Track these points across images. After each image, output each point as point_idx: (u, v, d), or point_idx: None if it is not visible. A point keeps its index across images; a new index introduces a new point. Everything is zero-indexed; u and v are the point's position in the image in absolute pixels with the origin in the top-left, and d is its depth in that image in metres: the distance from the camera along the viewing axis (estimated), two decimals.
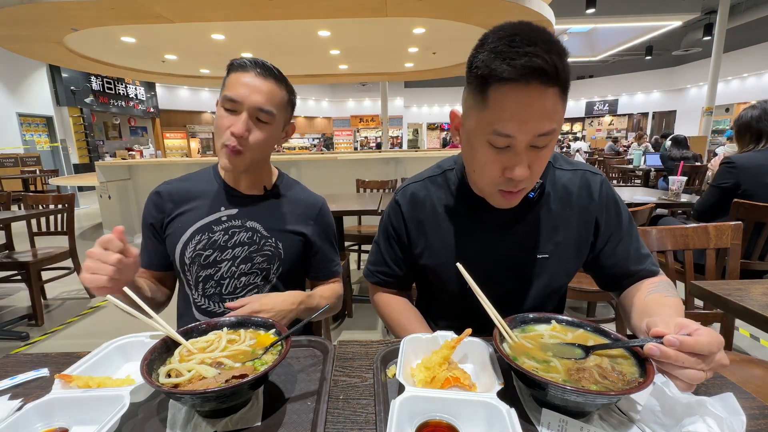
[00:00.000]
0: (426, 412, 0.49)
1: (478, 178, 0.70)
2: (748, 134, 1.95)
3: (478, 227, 0.81)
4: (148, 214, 0.97)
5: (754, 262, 1.82)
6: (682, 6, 9.33)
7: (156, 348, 0.57)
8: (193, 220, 0.93)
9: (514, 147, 0.62)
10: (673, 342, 0.48)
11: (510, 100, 0.59)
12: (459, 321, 0.77)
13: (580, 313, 2.55)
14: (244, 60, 0.86)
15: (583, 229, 0.80)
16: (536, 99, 0.58)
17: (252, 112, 0.84)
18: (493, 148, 0.64)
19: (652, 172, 5.44)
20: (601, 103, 18.85)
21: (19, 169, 8.40)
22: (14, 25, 4.18)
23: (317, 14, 4.28)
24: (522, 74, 0.57)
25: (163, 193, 0.97)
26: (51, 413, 0.52)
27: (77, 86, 10.65)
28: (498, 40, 0.59)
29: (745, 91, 13.28)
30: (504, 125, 0.60)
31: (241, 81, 0.84)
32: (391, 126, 17.42)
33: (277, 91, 0.87)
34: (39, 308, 2.58)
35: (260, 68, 0.85)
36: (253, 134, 0.86)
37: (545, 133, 0.61)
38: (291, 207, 1.00)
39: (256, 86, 0.84)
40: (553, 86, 0.59)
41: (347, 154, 7.16)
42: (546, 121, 0.60)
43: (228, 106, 0.84)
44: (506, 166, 0.64)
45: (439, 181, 0.85)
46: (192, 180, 1.00)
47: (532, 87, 0.58)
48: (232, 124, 0.84)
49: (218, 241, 0.93)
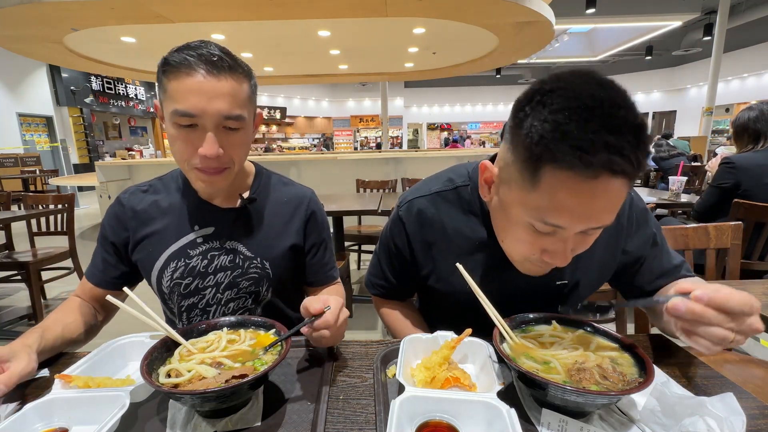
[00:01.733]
0: (426, 412, 0.49)
1: (510, 249, 0.64)
2: (746, 135, 1.95)
3: (494, 254, 0.71)
4: (109, 229, 0.83)
5: (754, 262, 1.82)
6: (682, 6, 9.33)
7: (156, 348, 0.57)
8: (164, 243, 0.81)
9: (560, 234, 0.54)
10: (702, 297, 0.44)
11: (570, 194, 0.48)
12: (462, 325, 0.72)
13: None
14: (186, 57, 0.66)
15: (608, 254, 0.74)
16: (602, 192, 0.48)
17: (218, 123, 0.69)
18: (535, 231, 0.55)
19: (652, 172, 5.44)
20: None
21: (19, 169, 8.40)
22: (14, 25, 4.17)
23: (317, 14, 4.27)
24: (597, 171, 0.45)
25: (127, 206, 0.83)
26: (51, 413, 0.52)
27: (77, 86, 10.65)
28: (565, 109, 0.46)
29: (745, 91, 13.27)
30: (556, 218, 0.51)
31: (191, 88, 0.66)
32: (391, 126, 17.41)
33: (239, 87, 0.70)
34: (39, 308, 2.58)
35: (208, 64, 0.67)
36: (228, 148, 0.71)
37: (601, 226, 0.53)
38: (274, 214, 0.87)
39: (215, 91, 0.67)
40: (627, 181, 0.48)
41: (347, 154, 7.17)
42: (607, 214, 0.51)
43: (184, 122, 0.68)
44: (546, 249, 0.57)
45: (451, 198, 0.75)
46: (159, 190, 0.86)
47: (601, 180, 0.46)
48: (198, 143, 0.69)
49: (197, 267, 0.81)
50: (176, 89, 0.67)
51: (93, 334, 0.84)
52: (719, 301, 0.44)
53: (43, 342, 0.67)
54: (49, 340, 0.69)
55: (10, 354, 0.60)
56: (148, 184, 0.88)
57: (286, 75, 8.57)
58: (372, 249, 0.97)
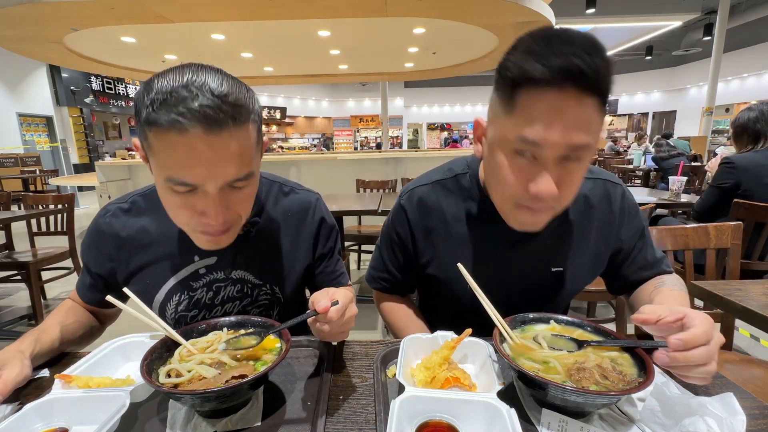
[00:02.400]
0: (426, 412, 0.49)
1: (497, 191, 0.65)
2: (746, 135, 1.96)
3: (492, 239, 0.74)
4: (90, 258, 0.76)
5: (754, 262, 1.82)
6: (682, 6, 9.33)
7: (156, 348, 0.57)
8: (163, 276, 0.74)
9: (540, 158, 0.56)
10: (677, 344, 0.46)
11: (541, 104, 0.53)
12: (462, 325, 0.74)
13: (580, 313, 2.55)
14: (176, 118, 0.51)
15: (601, 243, 0.77)
16: (571, 106, 0.52)
17: (223, 186, 0.58)
18: (517, 159, 0.58)
19: (652, 172, 5.44)
20: None
21: (19, 169, 8.40)
22: (14, 25, 4.17)
23: (317, 14, 4.27)
24: (557, 76, 0.51)
25: (109, 234, 0.74)
26: (51, 413, 0.52)
27: (77, 86, 10.65)
28: (533, 40, 0.54)
29: (745, 91, 13.27)
30: (531, 131, 0.54)
31: (188, 156, 0.54)
32: (391, 126, 17.41)
33: (246, 138, 0.58)
34: (39, 308, 2.58)
35: (206, 121, 0.52)
36: (234, 205, 0.62)
37: (578, 146, 0.54)
38: (280, 232, 0.80)
39: (217, 155, 0.55)
40: (592, 95, 0.52)
41: (347, 154, 7.17)
42: (579, 132, 0.53)
43: (181, 190, 0.57)
44: (530, 179, 0.57)
45: (450, 186, 0.78)
46: (143, 210, 0.75)
47: (568, 92, 0.52)
48: (199, 206, 0.59)
49: (202, 300, 0.76)
50: (168, 155, 0.55)
51: (94, 335, 0.83)
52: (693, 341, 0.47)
53: (38, 346, 0.65)
54: (46, 343, 0.67)
55: (2, 361, 0.59)
56: (129, 201, 0.77)
57: (286, 75, 8.57)
58: (372, 249, 0.96)
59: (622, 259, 0.79)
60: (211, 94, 0.53)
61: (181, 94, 0.52)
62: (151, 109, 0.53)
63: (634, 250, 0.79)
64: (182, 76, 0.54)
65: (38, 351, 0.65)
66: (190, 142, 0.53)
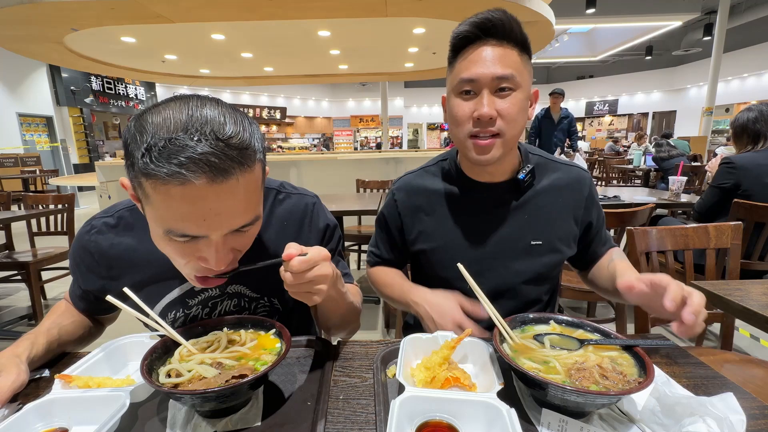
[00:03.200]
0: (426, 412, 0.49)
1: (456, 129, 0.77)
2: (745, 135, 1.96)
3: (471, 210, 0.85)
4: (78, 274, 0.73)
5: (754, 262, 1.82)
6: (682, 6, 9.34)
7: (156, 348, 0.57)
8: (156, 294, 0.71)
9: (477, 91, 0.72)
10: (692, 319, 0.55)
11: (471, 53, 0.72)
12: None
13: (580, 313, 2.55)
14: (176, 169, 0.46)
15: (574, 223, 0.86)
16: (492, 49, 0.71)
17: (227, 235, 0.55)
18: (463, 96, 0.74)
19: (652, 172, 5.44)
20: (601, 103, 18.85)
21: (19, 169, 8.40)
22: (14, 25, 4.17)
23: (317, 14, 4.27)
24: (476, 28, 0.71)
25: (95, 252, 0.70)
26: (51, 413, 0.52)
27: (77, 86, 10.65)
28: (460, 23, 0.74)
29: (745, 91, 13.27)
30: (467, 72, 0.72)
31: (192, 206, 0.49)
32: (391, 126, 17.41)
33: (253, 179, 0.54)
34: (39, 308, 2.58)
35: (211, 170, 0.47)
36: (240, 247, 0.60)
37: (503, 76, 0.70)
38: (276, 242, 0.74)
39: (223, 205, 0.51)
40: (510, 43, 0.71)
41: (347, 154, 7.16)
42: (501, 65, 0.70)
43: (183, 240, 0.53)
44: (474, 108, 0.73)
45: (434, 171, 0.91)
46: (131, 226, 0.71)
47: (490, 42, 0.71)
48: (200, 253, 0.55)
49: (198, 317, 0.74)
50: (168, 207, 0.50)
51: (93, 336, 0.82)
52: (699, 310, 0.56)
53: (35, 349, 0.64)
54: (42, 346, 0.65)
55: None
56: (116, 216, 0.72)
57: (286, 75, 8.58)
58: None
59: (592, 236, 0.91)
60: (214, 138, 0.48)
61: (181, 141, 0.46)
62: (148, 158, 0.46)
63: (600, 229, 0.91)
64: (180, 114, 0.48)
65: (35, 354, 0.64)
66: (193, 194, 0.48)
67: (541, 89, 4.32)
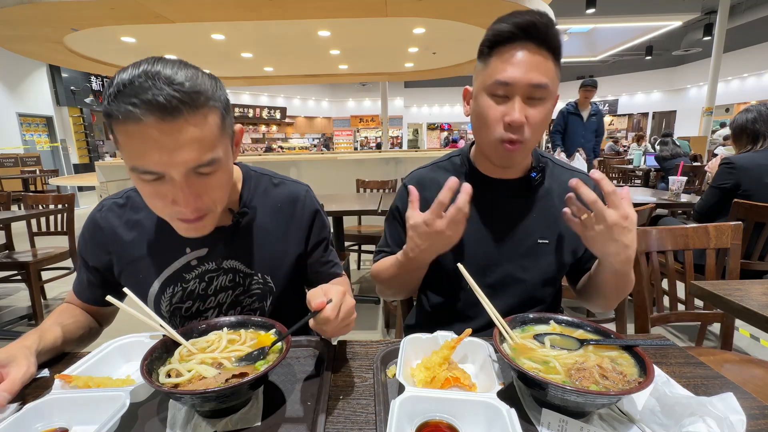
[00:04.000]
0: (426, 412, 0.49)
1: (483, 131, 0.77)
2: (745, 136, 1.96)
3: (481, 205, 0.85)
4: (88, 251, 0.78)
5: (754, 262, 1.82)
6: (682, 6, 9.34)
7: (156, 348, 0.57)
8: (156, 269, 0.75)
9: (511, 95, 0.72)
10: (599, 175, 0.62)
11: (510, 54, 0.71)
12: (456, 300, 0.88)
13: (580, 313, 2.55)
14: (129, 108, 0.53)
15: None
16: (531, 54, 0.70)
17: (188, 172, 0.59)
18: (494, 99, 0.73)
19: (652, 172, 5.44)
20: (601, 103, 18.84)
21: (19, 169, 8.40)
22: (14, 25, 4.17)
23: (317, 14, 4.27)
24: (519, 29, 0.69)
25: (106, 228, 0.76)
26: (51, 413, 0.52)
27: (77, 86, 10.64)
28: (500, 17, 0.73)
29: (745, 91, 13.27)
30: (503, 74, 0.71)
31: (146, 144, 0.55)
32: (391, 126, 17.41)
33: (204, 125, 0.58)
34: (39, 308, 2.58)
35: (159, 110, 0.53)
36: (206, 192, 0.62)
37: (539, 85, 0.70)
38: (270, 223, 0.81)
39: (174, 142, 0.55)
40: (547, 50, 0.71)
41: (347, 154, 7.16)
42: (539, 73, 0.70)
43: (148, 178, 0.58)
44: (505, 113, 0.72)
45: (446, 166, 0.92)
46: (138, 206, 0.77)
47: (528, 46, 0.70)
48: (170, 194, 0.60)
49: (195, 291, 0.77)
50: (128, 145, 0.56)
51: (92, 336, 0.83)
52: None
53: (42, 343, 0.66)
54: (49, 341, 0.67)
55: (8, 359, 0.59)
56: (124, 196, 0.79)
57: (286, 75, 8.57)
58: (372, 249, 0.99)
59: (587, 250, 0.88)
60: (164, 82, 0.54)
61: (135, 84, 0.53)
62: (108, 101, 0.54)
63: None
64: (141, 67, 0.55)
65: (42, 347, 0.65)
66: (145, 132, 0.54)
67: None
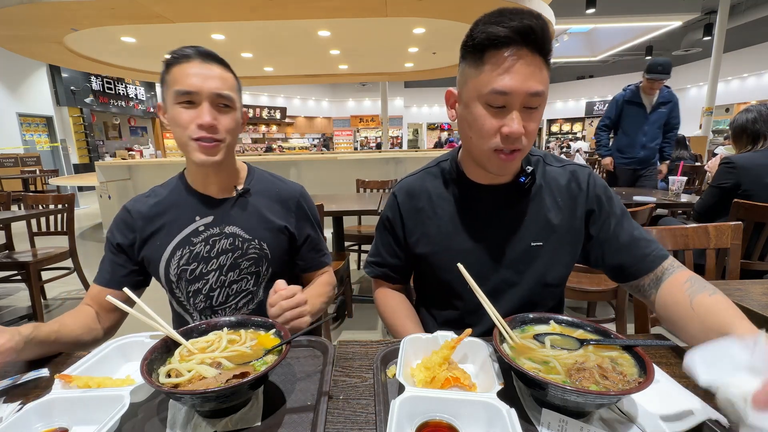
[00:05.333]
0: (426, 412, 0.49)
1: (477, 141, 0.73)
2: (745, 136, 1.96)
3: (472, 212, 0.84)
4: (117, 232, 0.91)
5: (754, 262, 1.82)
6: (682, 6, 9.34)
7: (156, 348, 0.57)
8: (170, 236, 0.89)
9: (509, 105, 0.68)
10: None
11: (506, 61, 0.66)
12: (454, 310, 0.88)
13: (580, 313, 2.55)
14: (185, 50, 0.82)
15: (575, 219, 0.82)
16: (528, 61, 0.66)
17: (212, 100, 0.81)
18: (490, 109, 0.69)
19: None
20: (601, 103, 18.83)
21: (19, 169, 8.40)
22: (14, 25, 4.17)
23: (317, 14, 4.27)
24: (516, 34, 0.64)
25: (133, 211, 0.91)
26: (51, 413, 0.52)
27: (77, 86, 10.65)
28: (489, 16, 0.68)
29: (745, 91, 13.25)
30: (501, 83, 0.66)
31: (190, 72, 0.80)
32: (391, 126, 17.41)
33: (228, 76, 0.85)
34: (39, 308, 2.58)
35: (203, 55, 0.82)
36: (220, 121, 0.83)
37: (536, 93, 0.67)
38: (267, 202, 0.96)
39: (208, 74, 0.81)
40: (540, 54, 0.67)
41: (347, 154, 7.16)
42: (537, 81, 0.67)
43: (183, 99, 0.80)
44: (503, 124, 0.69)
45: (435, 172, 0.90)
46: (160, 194, 0.94)
47: (525, 51, 0.65)
48: (195, 116, 0.80)
49: (200, 253, 0.89)
50: (177, 74, 0.81)
51: (93, 340, 0.83)
52: None
53: (35, 332, 0.67)
54: (43, 332, 0.69)
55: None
56: (150, 191, 0.96)
57: (286, 75, 8.56)
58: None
59: (596, 231, 0.81)
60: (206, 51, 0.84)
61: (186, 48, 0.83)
62: (170, 56, 0.83)
63: (611, 222, 0.80)
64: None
65: (35, 335, 0.67)
66: (191, 65, 0.81)
67: None
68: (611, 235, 0.80)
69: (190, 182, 0.93)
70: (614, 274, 0.82)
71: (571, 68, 16.78)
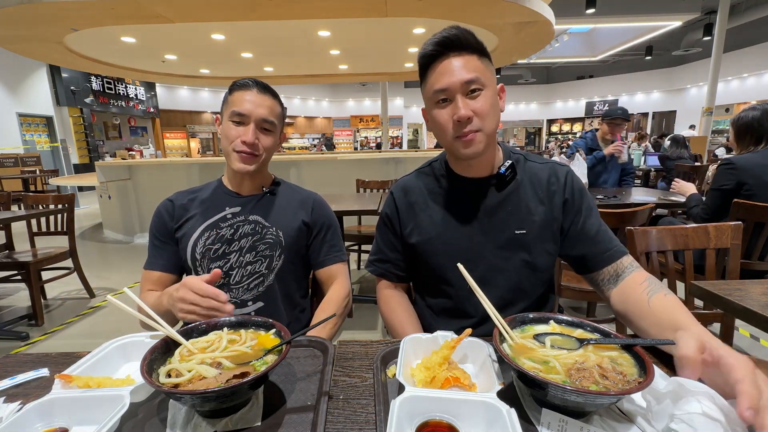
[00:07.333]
0: (426, 412, 0.49)
1: (442, 136, 0.85)
2: (749, 135, 1.93)
3: (459, 203, 0.93)
4: (160, 220, 1.07)
5: (754, 262, 1.82)
6: (682, 6, 9.34)
7: (156, 348, 0.57)
8: (202, 220, 1.04)
9: (451, 97, 0.80)
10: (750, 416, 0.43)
11: (438, 66, 0.81)
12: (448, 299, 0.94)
13: (580, 313, 2.55)
14: (246, 80, 1.01)
15: (556, 210, 0.90)
16: (454, 60, 0.80)
17: (258, 123, 0.99)
18: (440, 105, 0.83)
19: (652, 172, 5.44)
20: (601, 103, 18.84)
21: (19, 169, 8.40)
22: (14, 25, 4.17)
23: (317, 14, 4.27)
24: (440, 45, 0.80)
25: (176, 202, 1.09)
26: (51, 413, 0.52)
27: (77, 86, 10.65)
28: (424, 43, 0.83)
29: (745, 91, 13.26)
30: (439, 83, 0.80)
31: (246, 98, 0.98)
32: (391, 126, 17.41)
33: (275, 106, 1.03)
34: (39, 308, 2.58)
35: (260, 87, 1.01)
36: (261, 140, 1.01)
37: (470, 80, 0.78)
38: (288, 201, 1.12)
39: (260, 102, 0.99)
40: (468, 52, 0.80)
41: (347, 154, 7.16)
42: (467, 71, 0.79)
43: (236, 119, 0.98)
44: (452, 113, 0.81)
45: (427, 171, 1.01)
46: (199, 191, 1.13)
47: (451, 55, 0.80)
48: (242, 134, 0.98)
49: (225, 236, 1.03)
50: (237, 98, 0.99)
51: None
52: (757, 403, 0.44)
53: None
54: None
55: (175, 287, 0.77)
56: (190, 189, 1.13)
57: (286, 75, 8.56)
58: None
59: (568, 223, 0.90)
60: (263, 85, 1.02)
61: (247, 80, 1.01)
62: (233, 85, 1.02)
63: (580, 216, 0.89)
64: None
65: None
66: (248, 93, 0.99)
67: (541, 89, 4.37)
68: (579, 227, 0.89)
69: (226, 184, 1.10)
70: (576, 265, 0.91)
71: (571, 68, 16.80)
